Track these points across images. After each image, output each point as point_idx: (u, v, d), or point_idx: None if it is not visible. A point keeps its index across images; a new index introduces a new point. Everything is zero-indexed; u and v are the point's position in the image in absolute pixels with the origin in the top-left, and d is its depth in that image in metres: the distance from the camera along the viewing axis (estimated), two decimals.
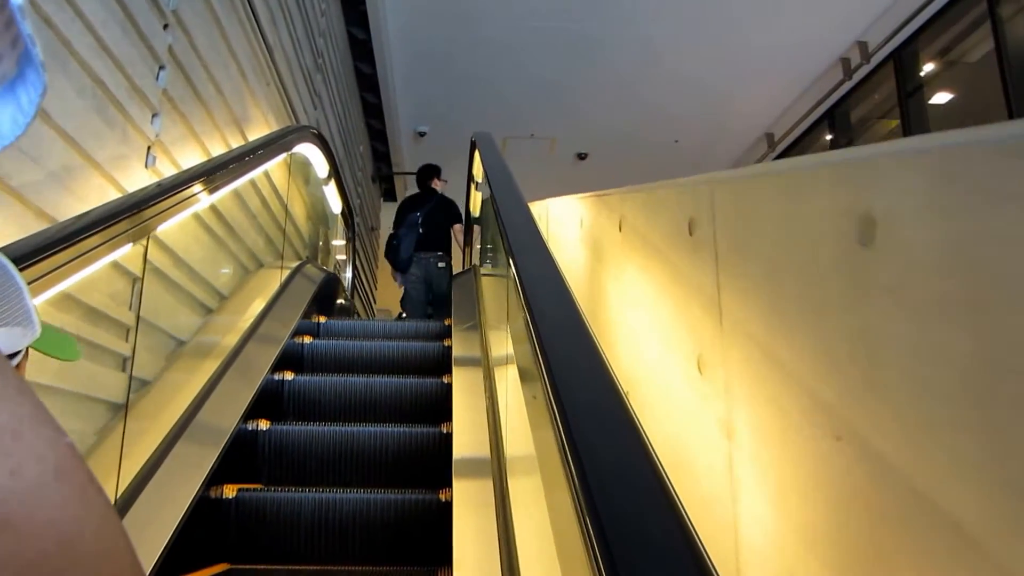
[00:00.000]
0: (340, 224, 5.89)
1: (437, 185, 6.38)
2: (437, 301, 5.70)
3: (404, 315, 5.90)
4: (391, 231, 6.07)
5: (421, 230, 5.87)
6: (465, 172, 5.81)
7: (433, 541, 2.33)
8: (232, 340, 3.22)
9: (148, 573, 1.78)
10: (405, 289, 5.88)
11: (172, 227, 2.64)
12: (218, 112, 3.33)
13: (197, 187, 2.65)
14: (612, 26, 7.43)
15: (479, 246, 6.06)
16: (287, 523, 2.38)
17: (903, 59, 7.41)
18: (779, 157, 9.87)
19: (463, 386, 3.17)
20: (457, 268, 5.83)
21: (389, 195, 11.25)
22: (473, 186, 5.11)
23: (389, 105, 8.58)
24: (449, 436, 2.72)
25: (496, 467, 2.45)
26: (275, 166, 4.08)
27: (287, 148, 3.75)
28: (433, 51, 7.96)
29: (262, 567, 2.37)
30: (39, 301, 1.65)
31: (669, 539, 0.57)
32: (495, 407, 3.02)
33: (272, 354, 3.31)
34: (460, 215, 6.01)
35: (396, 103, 8.78)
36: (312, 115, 5.51)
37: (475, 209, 5.50)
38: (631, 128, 9.52)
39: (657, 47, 7.77)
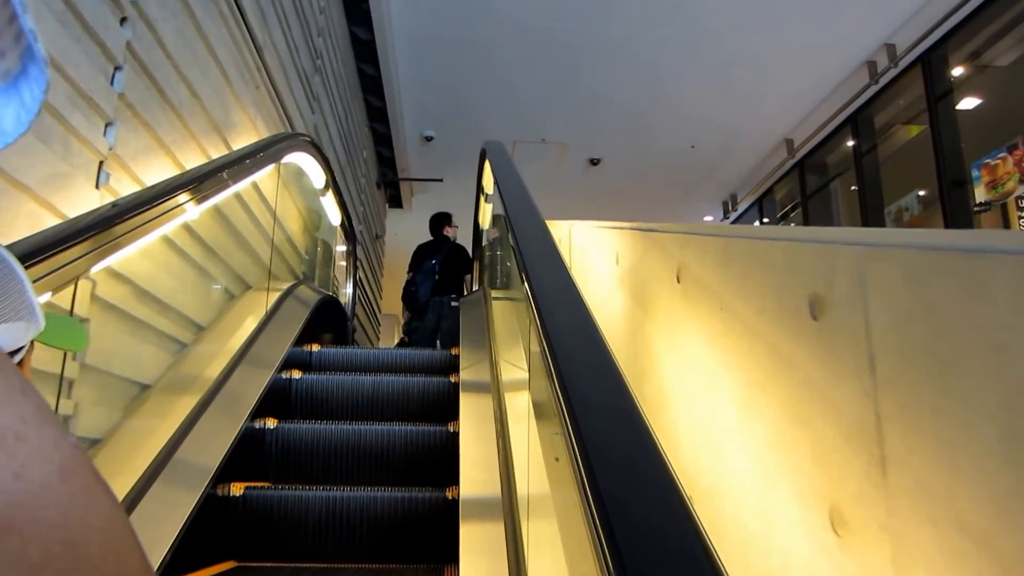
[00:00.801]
0: (340, 236, 5.49)
1: (449, 232, 6.67)
2: (445, 336, 5.82)
3: (406, 340, 6.04)
4: (408, 276, 6.34)
5: (437, 276, 6.15)
6: (473, 178, 5.52)
7: None
8: (209, 378, 2.82)
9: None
10: (415, 324, 6.09)
11: (133, 254, 2.25)
12: (194, 119, 2.93)
13: (157, 208, 2.26)
14: (627, 27, 7.02)
15: (488, 253, 5.69)
16: None
17: (932, 62, 6.99)
18: (799, 163, 9.44)
19: (472, 435, 2.77)
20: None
21: (395, 201, 10.86)
22: (483, 198, 4.71)
23: (394, 108, 8.19)
24: (455, 503, 2.31)
25: (512, 547, 2.05)
26: (266, 177, 3.70)
27: (275, 158, 3.35)
28: (440, 52, 7.57)
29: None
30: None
31: None
32: (509, 468, 2.63)
33: (254, 395, 2.91)
34: (471, 264, 6.30)
35: (401, 106, 8.39)
36: (309, 120, 5.12)
37: (484, 222, 5.10)
38: (646, 133, 9.11)
39: (673, 49, 7.36)
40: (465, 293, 5.84)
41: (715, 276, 1.25)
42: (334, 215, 4.78)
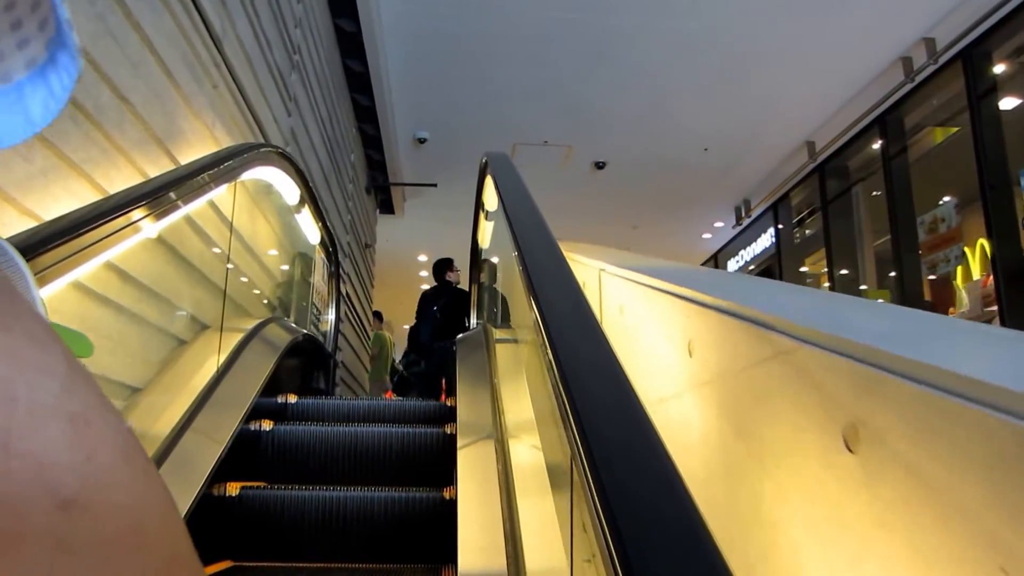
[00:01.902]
0: (322, 256, 4.85)
1: (451, 276, 6.96)
2: (451, 384, 5.95)
3: (404, 374, 6.55)
4: (414, 321, 6.83)
5: (439, 322, 6.49)
6: (470, 181, 4.91)
7: None
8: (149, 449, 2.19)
9: None
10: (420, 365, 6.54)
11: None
12: (122, 129, 2.30)
13: (56, 251, 1.66)
14: (639, 19, 6.40)
15: (487, 280, 5.08)
16: None
17: (974, 58, 6.38)
18: (819, 167, 8.83)
19: (473, 504, 2.18)
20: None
21: (386, 207, 10.21)
22: (482, 215, 4.08)
23: (384, 108, 7.55)
24: None
25: None
26: (229, 192, 3.07)
27: (229, 177, 2.71)
28: (434, 47, 6.93)
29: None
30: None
31: None
32: (518, 551, 2.09)
33: (201, 475, 2.29)
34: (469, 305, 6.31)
35: (392, 106, 7.75)
36: (285, 124, 4.48)
37: (484, 241, 4.48)
38: (656, 135, 8.49)
39: (689, 44, 6.73)
40: (466, 324, 5.27)
41: (886, 422, 0.67)
42: (313, 233, 4.14)
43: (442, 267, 6.97)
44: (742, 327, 1.08)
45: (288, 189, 3.54)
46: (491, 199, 3.63)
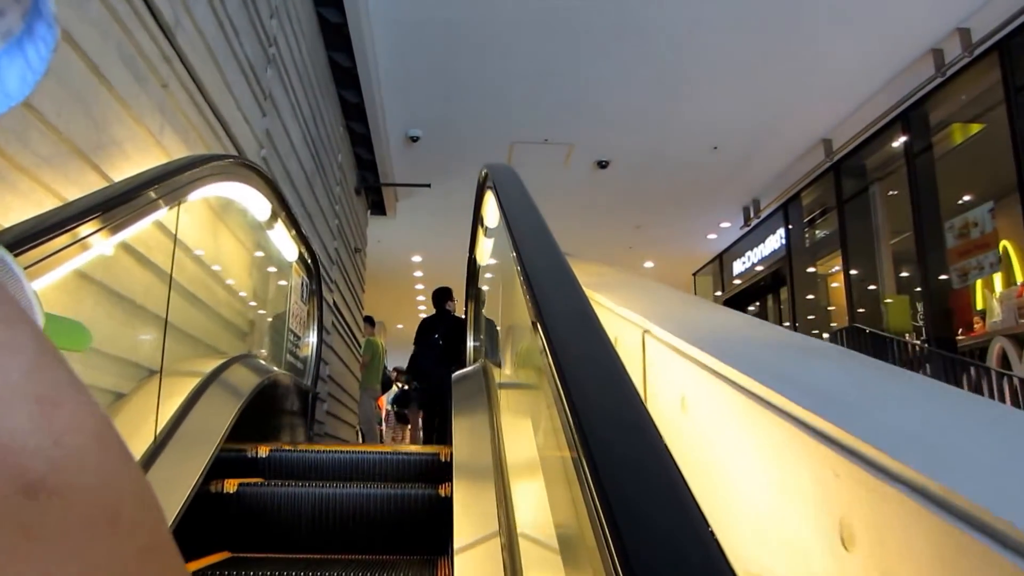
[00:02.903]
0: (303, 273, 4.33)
1: (450, 306, 7.19)
2: (443, 423, 6.02)
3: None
4: (414, 349, 7.27)
5: (440, 349, 6.74)
6: (465, 181, 4.44)
7: None
8: None
9: None
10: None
11: None
12: (24, 143, 1.79)
13: None
14: (646, 9, 5.90)
15: (491, 304, 4.60)
16: None
17: (1012, 50, 5.90)
18: (836, 166, 8.35)
19: None
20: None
21: (377, 208, 9.69)
22: (481, 230, 3.57)
23: (373, 105, 7.02)
24: None
25: None
26: (199, 203, 2.56)
27: (171, 199, 2.19)
28: (426, 38, 6.41)
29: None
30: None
31: None
32: None
33: None
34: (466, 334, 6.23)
35: (382, 102, 7.23)
36: (259, 125, 3.97)
37: (482, 258, 3.99)
38: (664, 132, 7.99)
39: (701, 35, 6.22)
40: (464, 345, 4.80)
41: None
42: (289, 250, 3.63)
43: (442, 296, 7.25)
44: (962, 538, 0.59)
45: (257, 204, 3.03)
46: (491, 216, 3.13)
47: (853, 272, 8.33)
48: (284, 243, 3.57)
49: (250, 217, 3.24)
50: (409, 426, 10.90)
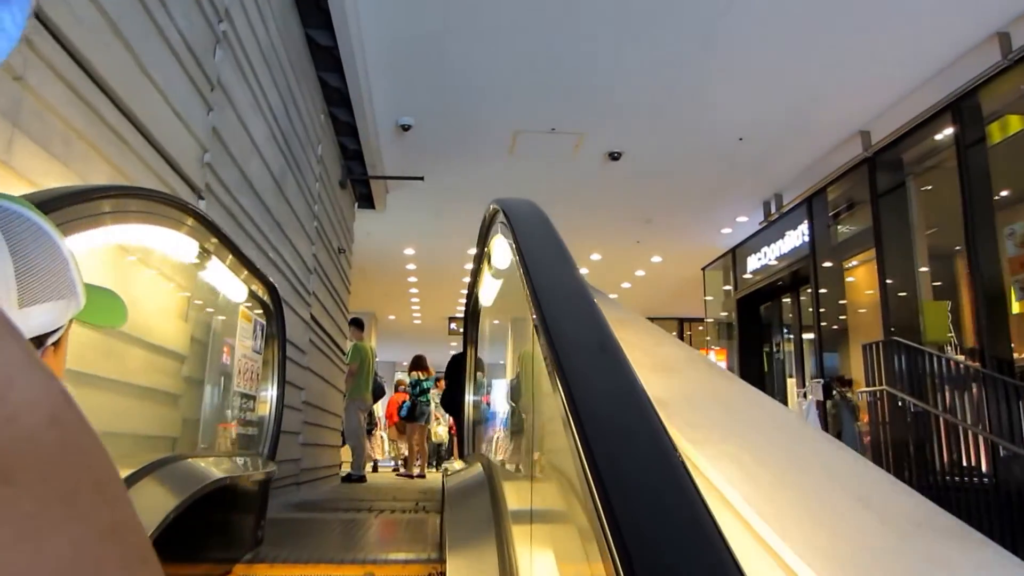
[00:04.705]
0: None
1: None
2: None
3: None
4: (445, 384, 7.70)
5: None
6: (465, 177, 3.66)
7: None
8: None
9: None
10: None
11: None
12: None
13: None
14: None
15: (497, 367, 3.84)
16: None
17: None
18: (871, 159, 7.53)
19: None
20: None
21: (365, 201, 8.86)
22: (486, 267, 2.76)
23: (359, 90, 6.18)
24: None
25: None
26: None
27: None
28: (418, 16, 5.55)
29: None
30: None
31: None
32: None
33: None
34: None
35: (369, 86, 6.38)
36: (201, 124, 3.16)
37: (486, 299, 3.18)
38: (684, 123, 7.17)
39: (731, 17, 5.37)
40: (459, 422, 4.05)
41: None
42: (235, 290, 2.81)
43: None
44: None
45: (175, 245, 2.23)
46: (502, 258, 2.34)
47: (889, 280, 7.54)
48: (227, 284, 2.76)
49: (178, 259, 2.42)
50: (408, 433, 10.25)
